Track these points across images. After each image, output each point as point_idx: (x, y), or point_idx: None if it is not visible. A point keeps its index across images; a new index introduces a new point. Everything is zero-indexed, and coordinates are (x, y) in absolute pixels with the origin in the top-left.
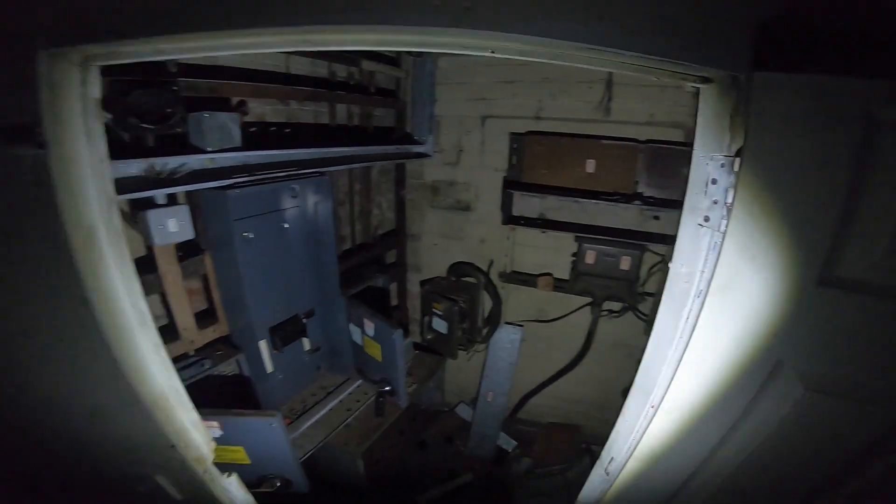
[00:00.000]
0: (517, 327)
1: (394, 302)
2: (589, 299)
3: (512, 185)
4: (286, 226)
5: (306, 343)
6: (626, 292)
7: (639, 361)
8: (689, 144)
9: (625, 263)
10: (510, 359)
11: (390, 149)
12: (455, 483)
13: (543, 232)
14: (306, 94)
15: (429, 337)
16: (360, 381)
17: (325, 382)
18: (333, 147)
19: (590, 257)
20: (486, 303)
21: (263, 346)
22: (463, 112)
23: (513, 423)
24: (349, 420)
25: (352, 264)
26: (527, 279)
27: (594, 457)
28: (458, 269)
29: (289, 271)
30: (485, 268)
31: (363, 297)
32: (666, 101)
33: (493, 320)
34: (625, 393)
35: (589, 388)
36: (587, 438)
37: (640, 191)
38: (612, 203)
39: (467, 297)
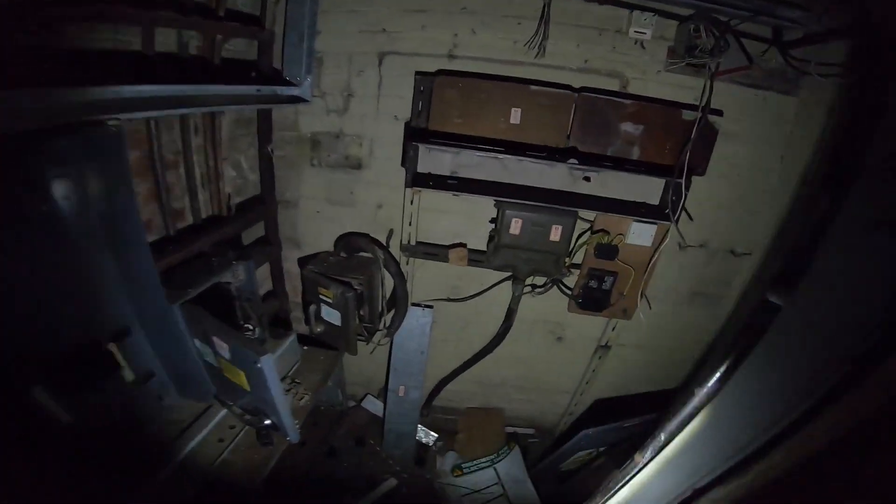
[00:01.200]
0: (426, 309)
1: (267, 287)
2: (509, 273)
3: (417, 136)
4: (60, 211)
5: (128, 373)
6: (553, 266)
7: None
8: (626, 95)
9: (555, 233)
10: (420, 347)
11: (248, 90)
12: (378, 493)
13: (456, 195)
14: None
15: (318, 330)
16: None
17: (177, 416)
18: (142, 85)
19: (515, 227)
20: (388, 282)
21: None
22: (355, 47)
23: (429, 412)
24: (225, 454)
25: (190, 252)
26: (436, 252)
27: (521, 442)
28: (350, 242)
29: (78, 278)
30: (383, 240)
31: (213, 297)
32: (604, 46)
33: (398, 303)
34: None
35: (509, 369)
36: (511, 422)
37: (573, 146)
38: (542, 161)
39: (363, 278)
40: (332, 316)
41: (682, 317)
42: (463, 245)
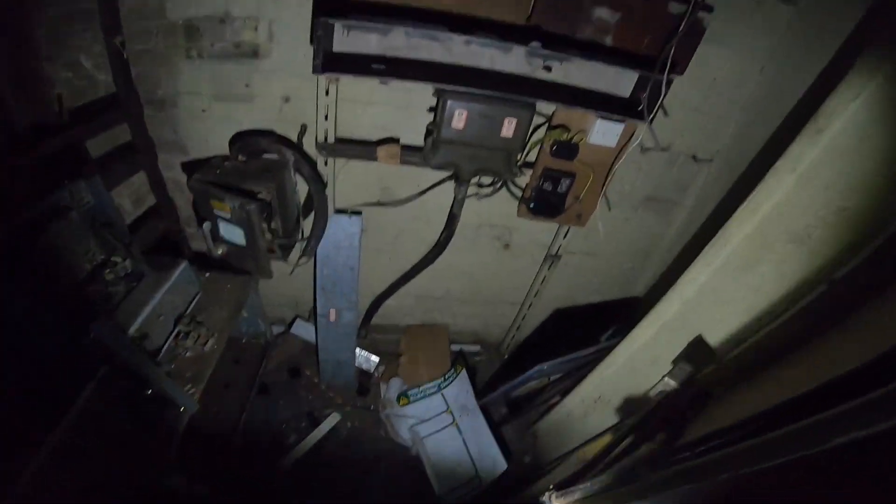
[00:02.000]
0: (354, 216)
1: (146, 203)
2: (450, 173)
3: (331, 9)
4: None
5: None
6: (504, 165)
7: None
8: None
9: (508, 128)
10: (349, 262)
11: None
12: (321, 431)
13: (384, 82)
14: None
15: (219, 252)
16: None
17: None
18: None
19: (459, 119)
20: (304, 188)
21: None
22: None
23: (367, 333)
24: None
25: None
26: (362, 150)
27: (468, 362)
28: (249, 143)
29: None
30: (294, 138)
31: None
32: None
33: (316, 212)
34: None
35: (452, 281)
36: (456, 338)
37: (536, 24)
38: (495, 43)
39: (270, 186)
40: (234, 234)
41: (633, 223)
42: (395, 141)
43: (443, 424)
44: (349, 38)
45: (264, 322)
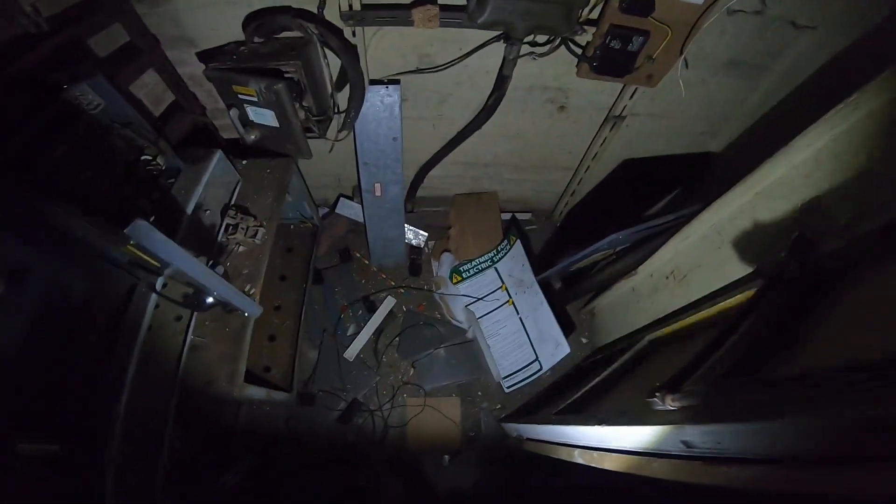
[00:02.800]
0: (392, 86)
1: (165, 102)
2: (499, 32)
3: None
4: None
5: None
6: (563, 21)
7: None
8: None
9: None
10: (391, 132)
11: None
12: (378, 319)
13: None
14: None
15: (253, 137)
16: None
17: None
18: None
19: None
20: (335, 63)
21: None
22: None
23: (413, 206)
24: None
25: None
26: (393, 15)
27: (520, 229)
28: (264, 23)
29: None
30: (314, 9)
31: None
32: None
33: (352, 87)
34: None
35: (501, 146)
36: (505, 206)
37: None
38: None
39: (297, 63)
40: (265, 117)
41: (710, 85)
42: (432, 1)
43: (499, 303)
44: None
45: (310, 204)
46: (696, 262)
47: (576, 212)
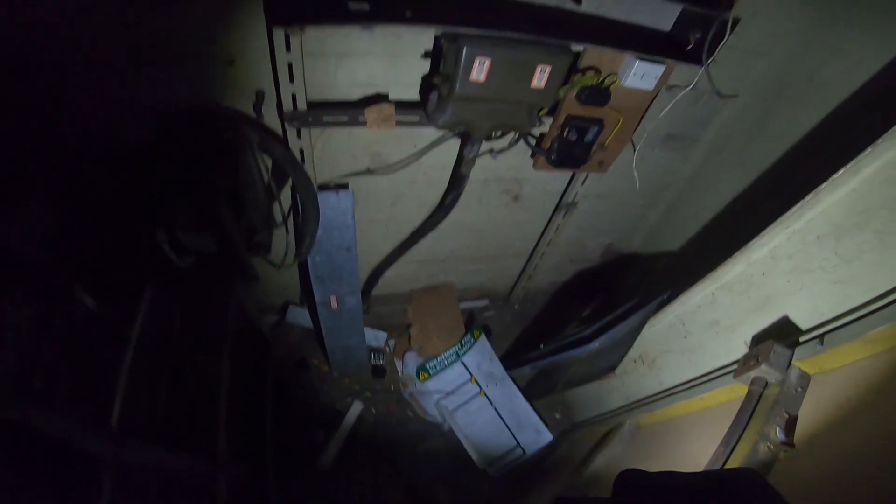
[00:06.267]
0: (342, 191)
1: None
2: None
3: None
4: None
5: None
6: (526, 118)
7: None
8: None
9: (539, 77)
10: (345, 242)
11: None
12: (349, 422)
13: (366, 29)
14: None
15: (186, 266)
16: None
17: None
18: None
19: (480, 71)
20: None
21: None
22: None
23: (369, 306)
24: None
25: None
26: (344, 114)
27: (479, 320)
28: (189, 126)
29: None
30: (250, 108)
31: None
32: None
33: (304, 210)
34: None
35: (457, 240)
36: (461, 294)
37: None
38: None
39: (227, 169)
40: (200, 241)
41: (649, 162)
42: (385, 99)
43: (470, 395)
44: None
45: (258, 317)
46: (664, 348)
47: (535, 297)
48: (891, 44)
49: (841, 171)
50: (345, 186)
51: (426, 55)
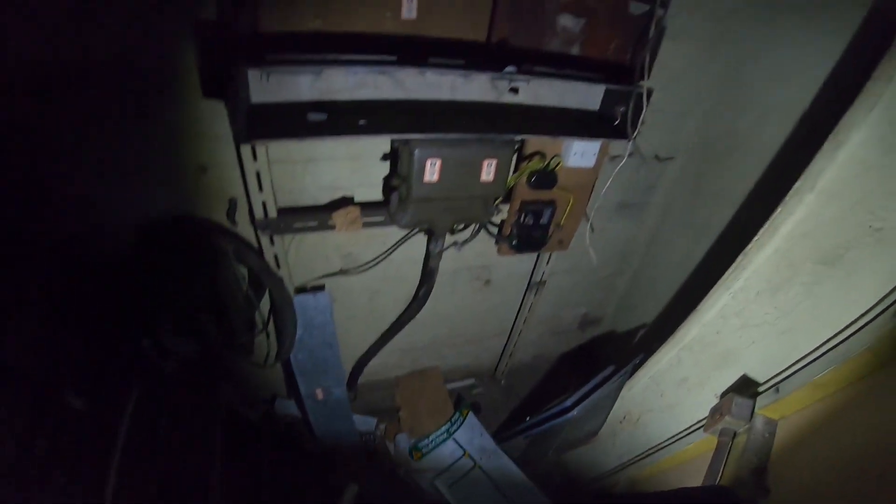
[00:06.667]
0: (319, 292)
1: None
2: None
3: (240, 48)
4: None
5: None
6: (482, 210)
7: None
8: None
9: (487, 171)
10: (327, 339)
11: None
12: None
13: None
14: None
15: (171, 369)
16: None
17: None
18: None
19: (432, 171)
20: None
21: None
22: None
23: (356, 395)
24: None
25: None
26: (314, 218)
27: (468, 399)
28: (166, 237)
29: None
30: (223, 218)
31: None
32: None
33: (279, 309)
34: None
35: (435, 328)
36: (447, 376)
37: (502, 38)
38: (457, 71)
39: (206, 277)
40: (182, 345)
41: (608, 232)
42: (351, 201)
43: (465, 470)
44: (271, 84)
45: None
46: (645, 408)
47: (521, 371)
48: (793, 90)
49: (761, 232)
50: (321, 287)
51: (385, 157)
